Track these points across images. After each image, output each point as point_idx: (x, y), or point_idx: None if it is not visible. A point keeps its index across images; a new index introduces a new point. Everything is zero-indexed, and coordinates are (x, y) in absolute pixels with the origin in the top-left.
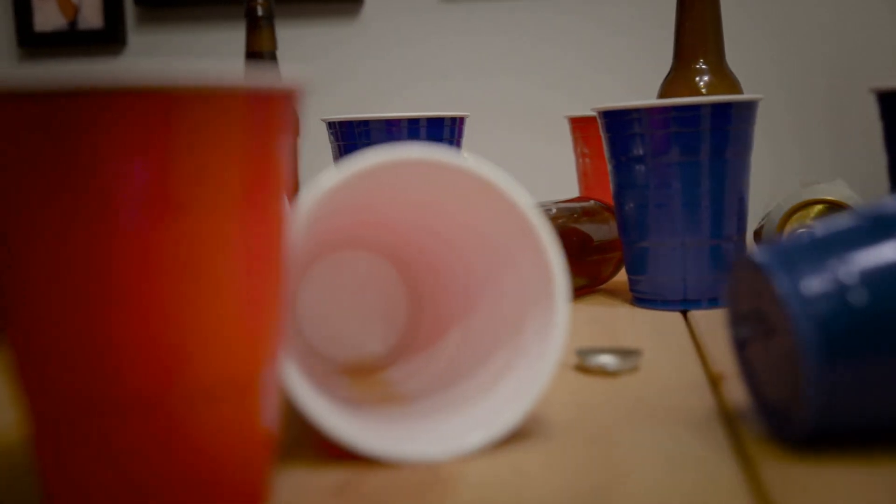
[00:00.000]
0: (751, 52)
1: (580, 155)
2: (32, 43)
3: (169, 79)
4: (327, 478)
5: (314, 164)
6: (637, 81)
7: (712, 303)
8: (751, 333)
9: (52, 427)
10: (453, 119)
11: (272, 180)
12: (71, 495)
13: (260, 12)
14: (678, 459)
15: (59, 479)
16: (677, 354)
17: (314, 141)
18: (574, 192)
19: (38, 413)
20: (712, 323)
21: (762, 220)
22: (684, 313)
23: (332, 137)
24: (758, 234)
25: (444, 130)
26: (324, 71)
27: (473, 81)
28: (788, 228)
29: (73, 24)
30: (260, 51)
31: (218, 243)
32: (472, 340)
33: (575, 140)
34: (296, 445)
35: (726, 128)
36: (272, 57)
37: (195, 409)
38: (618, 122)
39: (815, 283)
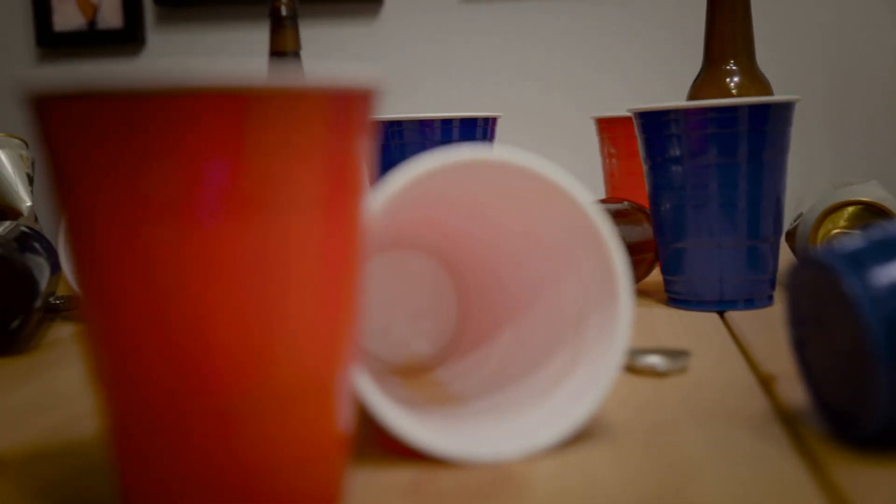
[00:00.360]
0: (781, 52)
1: (607, 155)
2: (51, 42)
3: (249, 80)
4: (397, 477)
5: None
6: (657, 83)
7: (748, 304)
8: (811, 334)
9: (131, 424)
10: (486, 119)
11: (351, 181)
12: (146, 492)
13: (284, 12)
14: (743, 460)
15: (136, 475)
16: (722, 355)
17: None
18: (597, 192)
19: (116, 410)
20: (752, 323)
21: (794, 220)
22: (721, 314)
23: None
24: (790, 236)
25: (477, 131)
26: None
27: (493, 82)
28: (823, 230)
29: (92, 23)
30: (284, 50)
31: (299, 244)
32: (525, 341)
33: (602, 141)
34: (360, 445)
35: (764, 129)
36: (296, 57)
37: (275, 411)
38: (654, 123)
39: (884, 284)
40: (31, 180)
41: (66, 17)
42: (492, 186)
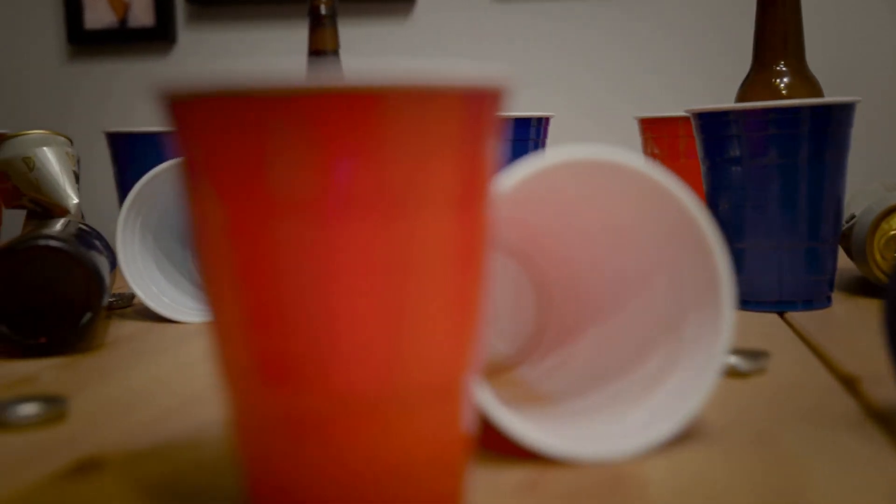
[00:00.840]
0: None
1: (650, 155)
2: (82, 40)
3: (385, 79)
4: (513, 476)
5: None
6: (696, 83)
7: (807, 305)
8: None
9: (258, 423)
10: (539, 119)
11: (482, 181)
12: (273, 491)
13: (323, 11)
14: (850, 461)
15: (262, 474)
16: (795, 355)
17: None
18: None
19: (242, 408)
20: (816, 325)
21: (847, 222)
22: (780, 315)
23: None
24: (845, 237)
25: (531, 130)
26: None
27: (525, 81)
28: (880, 232)
29: (123, 21)
30: (323, 49)
31: (431, 245)
32: (614, 341)
33: (644, 141)
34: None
35: (826, 130)
36: (335, 55)
37: (403, 412)
38: (714, 124)
39: None
40: (77, 178)
41: (98, 15)
42: (583, 184)
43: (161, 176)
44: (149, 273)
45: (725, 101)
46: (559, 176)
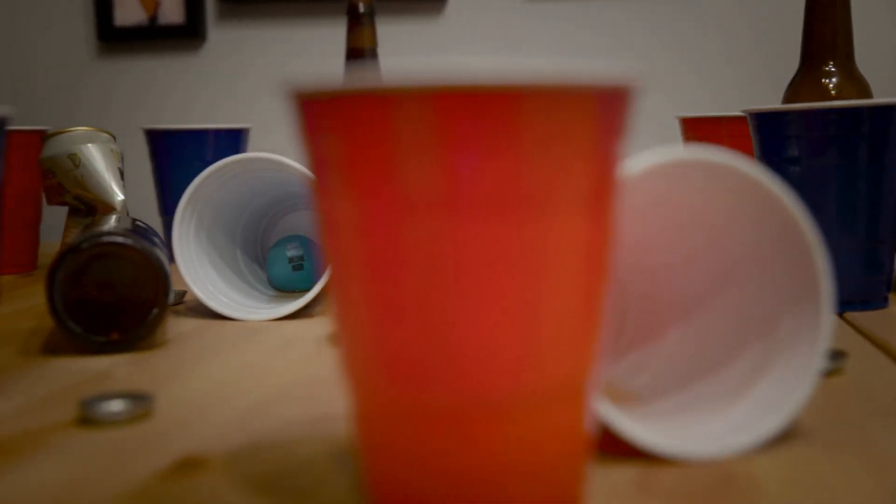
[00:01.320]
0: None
1: None
2: (112, 37)
3: (521, 78)
4: (624, 474)
5: None
6: (733, 82)
7: (864, 305)
8: None
9: (384, 420)
10: None
11: (612, 182)
12: (396, 488)
13: (362, 9)
14: None
15: (385, 471)
16: (866, 354)
17: None
18: None
19: (368, 405)
20: (877, 324)
21: None
22: (839, 315)
23: None
24: None
25: None
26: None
27: None
28: None
29: (153, 18)
30: (361, 47)
31: (564, 245)
32: (700, 341)
33: (686, 141)
34: None
35: (886, 131)
36: (373, 54)
37: (534, 411)
38: (772, 124)
39: None
40: (122, 175)
41: (128, 12)
42: (673, 183)
43: (215, 174)
44: (204, 271)
45: (763, 100)
46: (644, 177)
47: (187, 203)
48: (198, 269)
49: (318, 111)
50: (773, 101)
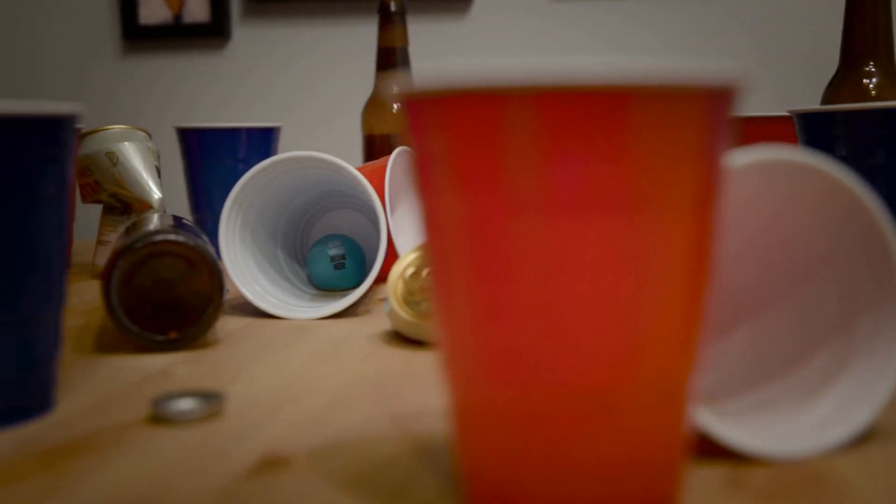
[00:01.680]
0: None
1: None
2: (137, 35)
3: (633, 78)
4: (715, 474)
5: None
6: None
7: None
8: None
9: (486, 418)
10: None
11: (718, 182)
12: (495, 486)
13: (393, 8)
14: None
15: (485, 470)
16: None
17: None
18: None
19: (469, 404)
20: None
21: None
22: None
23: None
24: None
25: None
26: (431, 67)
27: None
28: None
29: (178, 17)
30: (393, 46)
31: (670, 244)
32: (771, 339)
33: None
34: None
35: None
36: (404, 52)
37: (636, 410)
38: (819, 125)
39: None
40: (158, 173)
41: (153, 10)
42: (758, 183)
43: (262, 172)
44: (249, 270)
45: (798, 101)
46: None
47: (234, 201)
48: (243, 268)
49: (427, 111)
50: (810, 101)
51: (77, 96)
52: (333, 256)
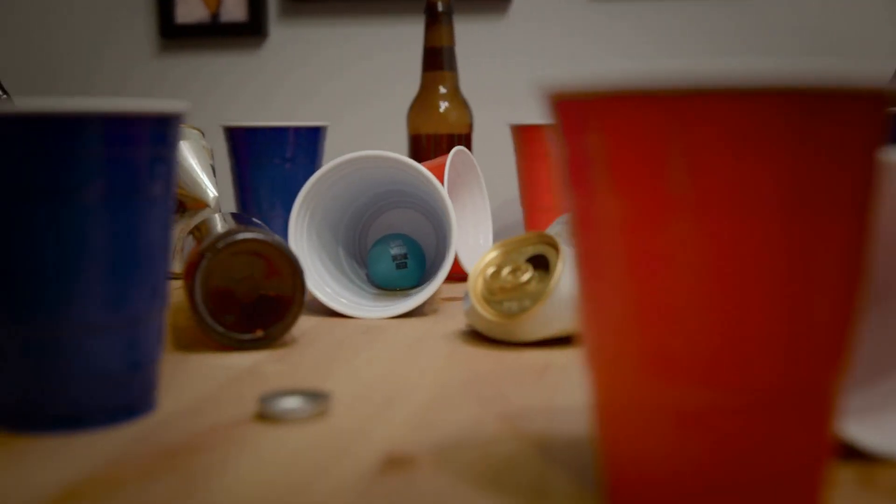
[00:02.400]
0: None
1: None
2: (174, 34)
3: (803, 79)
4: (843, 472)
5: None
6: None
7: None
8: None
9: (638, 416)
10: None
11: (874, 185)
12: (642, 483)
13: (440, 7)
14: None
15: (633, 467)
16: None
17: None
18: None
19: (621, 402)
20: None
21: None
22: None
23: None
24: None
25: None
26: (470, 68)
27: None
28: None
29: (215, 16)
30: (440, 46)
31: (830, 247)
32: (881, 338)
33: None
34: None
35: None
36: (451, 52)
37: (795, 409)
38: None
39: None
40: (213, 171)
41: (190, 9)
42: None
43: (330, 173)
44: (317, 270)
45: None
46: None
47: (303, 201)
48: (311, 268)
49: (585, 112)
50: None
51: (114, 95)
52: (395, 256)
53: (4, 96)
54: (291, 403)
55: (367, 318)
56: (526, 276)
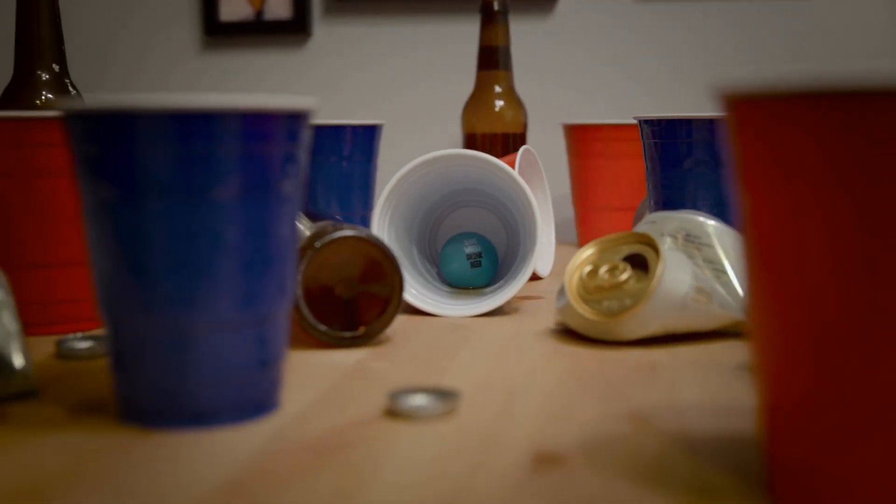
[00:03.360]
0: None
1: None
2: (217, 32)
3: None
4: None
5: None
6: None
7: None
8: None
9: (807, 420)
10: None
11: None
12: (808, 488)
13: (496, 7)
14: None
15: (803, 473)
16: None
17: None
18: None
19: (790, 404)
20: None
21: None
22: None
23: (646, 134)
24: None
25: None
26: (516, 67)
27: (664, 82)
28: None
29: (259, 14)
30: (495, 45)
31: None
32: None
33: None
34: None
35: None
36: (506, 52)
37: None
38: None
39: None
40: None
41: (233, 7)
42: None
43: (410, 173)
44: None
45: None
46: None
47: (386, 200)
48: None
49: (765, 111)
50: None
51: (157, 92)
52: (470, 254)
53: (74, 93)
54: (421, 401)
55: (453, 316)
56: (625, 276)
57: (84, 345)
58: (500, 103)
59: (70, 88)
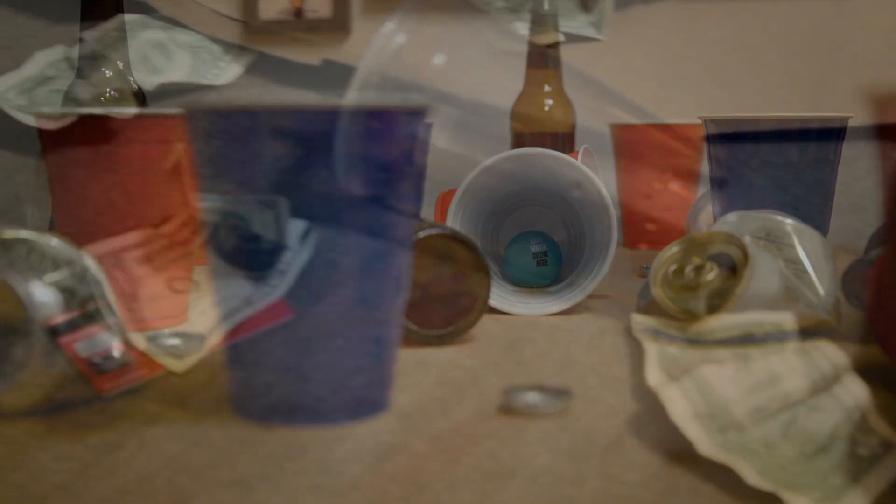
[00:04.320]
0: None
1: None
2: (257, 29)
3: None
4: None
5: None
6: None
7: None
8: None
9: None
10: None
11: None
12: None
13: (547, 6)
14: None
15: None
16: None
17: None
18: None
19: None
20: None
21: None
22: None
23: (712, 133)
24: None
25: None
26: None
27: (709, 81)
28: None
29: (299, 11)
30: (545, 43)
31: None
32: None
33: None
34: None
35: None
36: (556, 50)
37: None
38: None
39: None
40: None
41: (272, 4)
42: None
43: (482, 173)
44: None
45: None
46: None
47: (460, 199)
48: None
49: None
50: None
51: (195, 89)
52: (536, 253)
53: (136, 87)
54: (535, 398)
55: (528, 314)
56: (711, 275)
57: (174, 341)
58: (549, 102)
59: (133, 85)
